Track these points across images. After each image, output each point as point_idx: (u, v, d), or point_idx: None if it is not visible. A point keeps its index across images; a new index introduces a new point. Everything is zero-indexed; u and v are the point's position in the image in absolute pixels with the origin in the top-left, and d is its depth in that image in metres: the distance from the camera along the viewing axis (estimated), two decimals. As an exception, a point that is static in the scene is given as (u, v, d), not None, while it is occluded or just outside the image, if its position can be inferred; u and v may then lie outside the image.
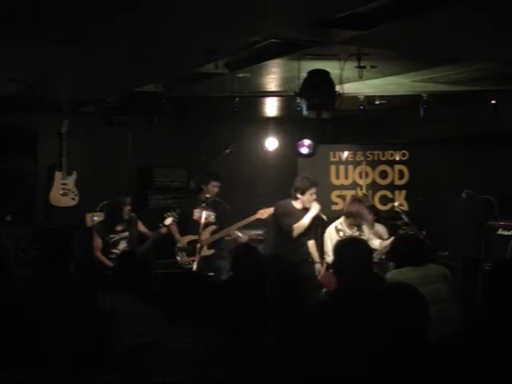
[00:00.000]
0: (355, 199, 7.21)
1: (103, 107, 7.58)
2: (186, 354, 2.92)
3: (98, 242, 6.65)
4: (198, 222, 6.89)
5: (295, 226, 6.54)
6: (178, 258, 6.97)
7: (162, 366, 2.96)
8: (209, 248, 7.05)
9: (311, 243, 6.72)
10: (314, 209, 6.59)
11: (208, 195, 7.03)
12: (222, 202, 7.14)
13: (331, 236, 6.74)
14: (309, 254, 6.68)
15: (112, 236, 6.67)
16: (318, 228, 6.91)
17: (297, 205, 6.66)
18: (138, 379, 3.08)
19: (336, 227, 6.79)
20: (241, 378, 2.91)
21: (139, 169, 8.70)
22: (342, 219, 6.84)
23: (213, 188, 7.07)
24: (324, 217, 6.67)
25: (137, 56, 5.20)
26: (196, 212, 6.93)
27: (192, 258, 6.91)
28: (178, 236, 7.07)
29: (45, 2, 3.83)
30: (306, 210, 6.66)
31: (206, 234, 7.03)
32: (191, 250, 6.94)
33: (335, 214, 7.33)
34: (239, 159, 8.43)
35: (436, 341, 2.87)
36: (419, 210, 7.85)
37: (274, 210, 6.79)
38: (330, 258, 6.65)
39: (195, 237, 6.92)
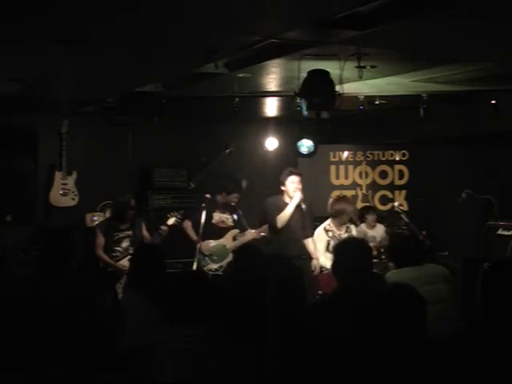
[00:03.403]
0: (339, 198, 7.25)
1: (103, 107, 7.58)
2: (186, 354, 2.92)
3: (100, 240, 6.62)
4: (217, 226, 6.88)
5: (278, 217, 6.54)
6: (204, 266, 6.81)
7: (162, 366, 2.96)
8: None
9: (309, 241, 6.70)
10: (295, 198, 6.55)
11: (226, 202, 7.02)
12: (235, 206, 7.11)
13: (320, 237, 6.79)
14: (303, 250, 6.64)
15: (115, 234, 6.65)
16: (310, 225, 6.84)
17: (285, 199, 6.66)
18: (138, 379, 3.08)
19: (325, 228, 6.84)
20: (241, 378, 2.91)
21: (139, 169, 8.70)
22: (329, 220, 6.88)
23: (234, 198, 7.06)
24: (303, 206, 6.60)
25: (137, 56, 5.20)
26: (215, 215, 6.86)
27: (220, 265, 6.90)
28: (198, 240, 6.85)
29: (45, 3, 3.83)
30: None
31: (228, 239, 7.01)
32: (219, 256, 6.90)
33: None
34: (239, 159, 8.43)
35: (436, 341, 2.87)
36: (419, 210, 7.85)
37: (263, 207, 6.79)
38: (321, 258, 6.68)
39: (218, 242, 6.90)
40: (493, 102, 6.65)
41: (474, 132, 7.55)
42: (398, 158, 8.58)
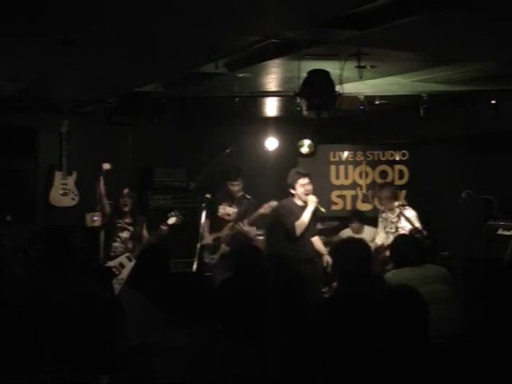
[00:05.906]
0: (383, 184, 7.32)
1: (103, 107, 7.58)
2: (186, 354, 2.92)
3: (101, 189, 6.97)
4: (222, 219, 6.83)
5: (296, 223, 6.51)
6: (205, 258, 6.79)
7: (162, 366, 2.96)
8: (227, 245, 6.99)
9: (315, 239, 6.71)
10: (311, 204, 6.55)
11: (231, 192, 6.97)
12: (247, 196, 7.03)
13: (379, 217, 7.05)
14: (314, 252, 6.65)
15: (120, 221, 6.76)
16: (316, 225, 6.84)
17: (297, 201, 6.64)
18: (139, 379, 3.08)
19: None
20: (241, 378, 2.91)
21: (139, 169, 8.70)
22: None
23: (232, 187, 6.97)
24: (323, 209, 6.62)
25: (137, 56, 5.21)
26: (221, 208, 6.81)
27: (212, 257, 6.88)
28: (205, 233, 6.82)
29: (45, 2, 3.84)
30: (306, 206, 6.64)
31: (226, 231, 6.93)
32: (214, 247, 6.87)
33: (335, 214, 7.32)
34: (239, 159, 8.42)
35: (436, 342, 2.87)
36: (419, 210, 7.85)
37: (276, 210, 6.72)
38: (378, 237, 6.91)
39: (218, 234, 6.87)
40: (493, 101, 6.65)
41: (474, 132, 7.55)
42: (398, 158, 8.56)
